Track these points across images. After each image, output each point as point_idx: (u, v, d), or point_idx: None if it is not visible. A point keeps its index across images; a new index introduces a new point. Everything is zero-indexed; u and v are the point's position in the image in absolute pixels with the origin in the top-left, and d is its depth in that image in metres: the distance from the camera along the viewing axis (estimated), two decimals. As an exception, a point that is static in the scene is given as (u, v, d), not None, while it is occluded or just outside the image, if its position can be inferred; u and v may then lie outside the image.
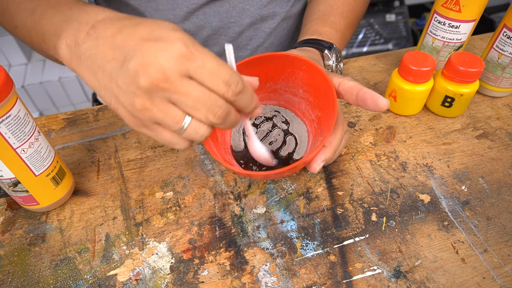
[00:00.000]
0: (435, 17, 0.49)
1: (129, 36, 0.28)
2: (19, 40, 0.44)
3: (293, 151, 0.42)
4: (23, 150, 0.35)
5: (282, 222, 0.39)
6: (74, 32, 0.31)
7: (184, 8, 0.53)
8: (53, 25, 0.33)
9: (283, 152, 0.42)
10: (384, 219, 0.39)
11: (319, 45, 0.46)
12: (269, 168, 0.41)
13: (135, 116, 0.29)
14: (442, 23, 0.49)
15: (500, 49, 0.48)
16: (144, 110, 0.28)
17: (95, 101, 0.75)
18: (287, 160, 0.42)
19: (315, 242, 0.38)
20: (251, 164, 0.42)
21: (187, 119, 0.28)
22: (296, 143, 0.43)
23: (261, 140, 0.44)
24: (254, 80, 0.33)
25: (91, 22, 0.30)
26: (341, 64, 0.48)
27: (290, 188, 0.42)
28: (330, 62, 0.45)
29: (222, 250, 0.37)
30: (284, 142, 0.43)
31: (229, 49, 0.33)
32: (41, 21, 0.35)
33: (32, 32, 0.37)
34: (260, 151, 0.38)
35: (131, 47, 0.27)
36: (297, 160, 0.41)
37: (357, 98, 0.35)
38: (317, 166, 0.35)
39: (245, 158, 0.42)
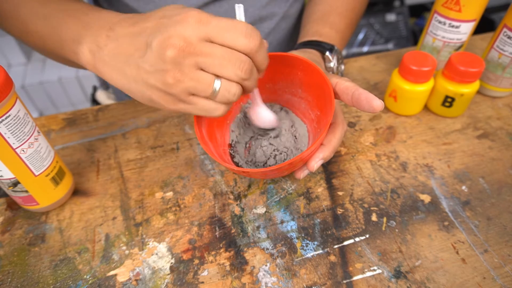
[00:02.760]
0: (436, 17, 0.49)
1: (145, 24, 0.30)
2: (24, 44, 0.45)
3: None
4: (23, 150, 0.35)
5: (282, 222, 0.39)
6: (94, 37, 0.32)
7: None
8: (72, 32, 0.35)
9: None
10: (385, 219, 0.39)
11: (320, 46, 0.46)
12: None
13: (170, 94, 0.30)
14: (442, 23, 0.49)
15: (500, 49, 0.48)
16: (177, 83, 0.29)
17: (94, 101, 0.75)
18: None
19: (315, 242, 0.37)
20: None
21: (217, 82, 0.29)
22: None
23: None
24: (264, 41, 0.34)
25: (109, 25, 0.32)
26: (342, 66, 0.48)
27: (290, 188, 0.42)
28: (331, 64, 0.45)
29: (222, 250, 0.37)
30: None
31: (240, 9, 0.33)
32: (59, 28, 0.36)
33: (48, 38, 0.38)
34: (267, 115, 0.39)
35: (150, 31, 0.29)
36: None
37: (352, 99, 0.35)
38: (315, 164, 0.35)
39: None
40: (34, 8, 0.39)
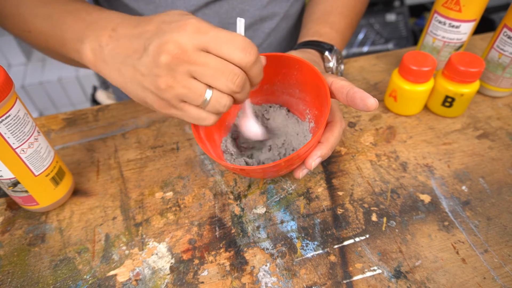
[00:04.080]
0: (436, 17, 0.49)
1: (145, 28, 0.30)
2: (24, 43, 0.45)
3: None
4: (23, 150, 0.35)
5: (282, 222, 0.39)
6: (97, 37, 0.33)
7: (183, 10, 0.52)
8: (75, 31, 0.35)
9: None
10: (385, 219, 0.39)
11: (319, 46, 0.46)
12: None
13: (162, 98, 0.30)
14: (442, 23, 0.49)
15: (500, 49, 0.48)
16: (169, 89, 0.29)
17: (94, 101, 0.75)
18: None
19: (315, 242, 0.37)
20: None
21: (209, 92, 0.30)
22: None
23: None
24: (262, 57, 0.33)
25: (111, 25, 0.33)
26: (342, 66, 0.48)
27: (290, 188, 0.42)
28: (331, 64, 0.45)
29: (222, 250, 0.37)
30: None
31: (240, 22, 0.33)
32: (61, 27, 0.37)
33: (50, 37, 0.38)
34: (255, 128, 0.39)
35: (149, 35, 0.30)
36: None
37: (347, 97, 0.35)
38: (312, 161, 0.35)
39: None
40: (35, 7, 0.39)
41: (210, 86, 0.30)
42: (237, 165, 0.34)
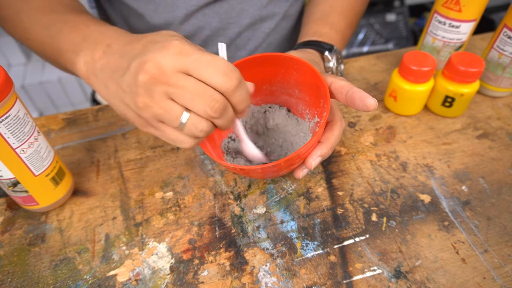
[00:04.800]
0: (436, 17, 0.49)
1: (134, 46, 0.31)
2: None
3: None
4: (23, 150, 0.35)
5: (282, 222, 0.39)
6: (92, 51, 0.33)
7: (183, 10, 0.52)
8: (71, 43, 0.36)
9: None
10: (385, 219, 0.39)
11: (319, 46, 0.46)
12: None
13: (140, 116, 0.31)
14: (442, 23, 0.49)
15: (500, 49, 0.48)
16: (146, 108, 0.29)
17: (94, 101, 0.75)
18: None
19: (315, 242, 0.37)
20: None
21: (186, 114, 0.29)
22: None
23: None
24: (249, 84, 0.33)
25: (108, 40, 0.33)
26: (342, 66, 0.48)
27: (290, 188, 0.42)
28: (331, 64, 0.45)
29: (222, 250, 0.37)
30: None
31: (222, 47, 0.33)
32: (58, 37, 0.37)
33: (47, 46, 0.39)
34: (254, 151, 0.39)
35: (135, 53, 0.30)
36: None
37: (346, 97, 0.35)
38: (313, 161, 0.35)
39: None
40: (35, 16, 0.40)
41: (188, 110, 0.29)
42: (237, 165, 0.34)
